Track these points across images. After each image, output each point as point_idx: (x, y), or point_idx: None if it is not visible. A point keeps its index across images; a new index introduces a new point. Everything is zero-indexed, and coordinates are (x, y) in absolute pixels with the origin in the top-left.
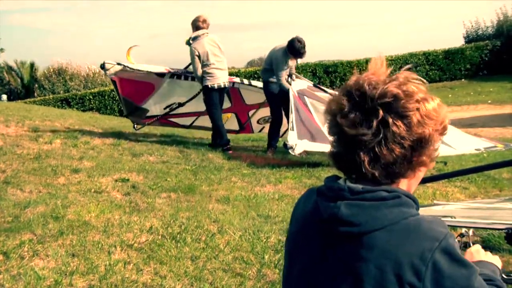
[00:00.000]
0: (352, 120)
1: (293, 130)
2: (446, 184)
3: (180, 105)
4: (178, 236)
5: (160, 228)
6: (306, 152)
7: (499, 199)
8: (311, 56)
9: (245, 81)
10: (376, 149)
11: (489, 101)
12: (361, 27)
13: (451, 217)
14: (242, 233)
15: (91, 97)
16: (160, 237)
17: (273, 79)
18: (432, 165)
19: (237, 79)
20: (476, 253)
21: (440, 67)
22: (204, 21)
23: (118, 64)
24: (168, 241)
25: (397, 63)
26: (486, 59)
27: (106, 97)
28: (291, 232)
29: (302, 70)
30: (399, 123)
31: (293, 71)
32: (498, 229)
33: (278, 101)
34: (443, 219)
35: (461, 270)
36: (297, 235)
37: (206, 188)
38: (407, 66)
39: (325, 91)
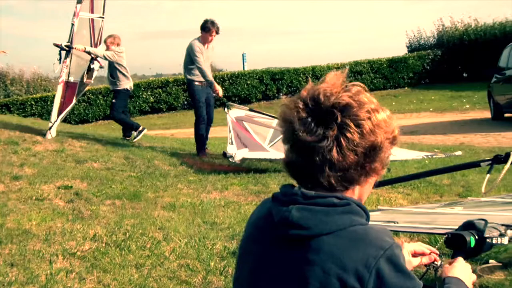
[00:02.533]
0: (307, 128)
1: (232, 144)
2: (389, 190)
3: None
4: (123, 243)
5: (104, 235)
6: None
7: (440, 204)
8: (259, 63)
9: None
10: (331, 156)
11: (431, 109)
12: (308, 35)
13: (394, 222)
14: (187, 240)
15: (33, 102)
16: (104, 245)
17: (195, 77)
18: (383, 172)
19: None
20: (453, 268)
21: (384, 75)
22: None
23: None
24: (112, 249)
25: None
26: (428, 68)
27: (48, 103)
28: (243, 238)
29: (249, 77)
30: (353, 130)
31: (211, 60)
32: (439, 234)
33: (202, 99)
34: (387, 224)
35: (406, 282)
36: (248, 240)
37: (151, 195)
38: (345, 69)
39: (263, 114)
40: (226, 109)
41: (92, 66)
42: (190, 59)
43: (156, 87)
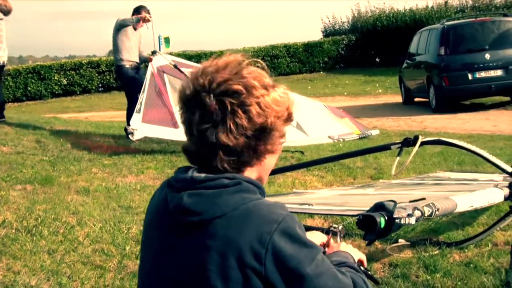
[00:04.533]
0: (198, 113)
1: (139, 112)
2: (304, 173)
3: None
4: (34, 229)
5: (14, 221)
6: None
7: (353, 186)
8: (174, 46)
9: None
10: (221, 140)
11: (345, 93)
12: (226, 18)
13: (309, 204)
14: (102, 224)
15: None
16: (14, 231)
17: (124, 62)
18: (279, 151)
19: None
20: (336, 247)
21: (300, 59)
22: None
23: None
24: (23, 235)
25: (259, 54)
26: (343, 52)
27: None
28: (145, 224)
29: None
30: (241, 114)
31: (141, 44)
32: (351, 215)
33: (133, 84)
34: (301, 206)
35: (303, 251)
36: (150, 227)
37: (64, 179)
38: (256, 60)
39: (188, 66)
40: (152, 54)
41: None
42: (116, 41)
43: (69, 69)
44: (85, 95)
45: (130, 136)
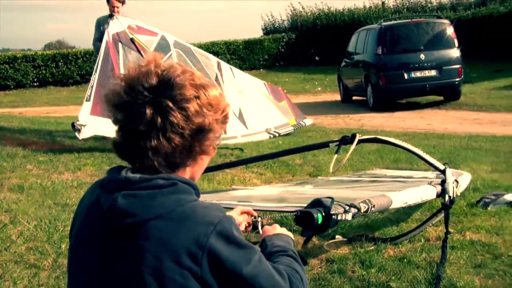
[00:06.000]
0: (131, 112)
1: (88, 100)
2: (244, 170)
3: None
4: None
5: None
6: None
7: (292, 183)
8: None
9: None
10: (155, 139)
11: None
12: (167, 14)
13: (248, 201)
14: (37, 222)
15: None
16: None
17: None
18: (214, 152)
19: None
20: (272, 229)
21: (240, 56)
22: None
23: None
24: None
25: None
26: (283, 50)
27: None
28: (76, 226)
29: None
30: (177, 113)
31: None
32: (289, 212)
33: None
34: (240, 203)
35: (239, 252)
36: (82, 229)
37: None
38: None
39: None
40: (109, 18)
41: None
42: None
43: (3, 63)
44: (19, 89)
45: (76, 133)
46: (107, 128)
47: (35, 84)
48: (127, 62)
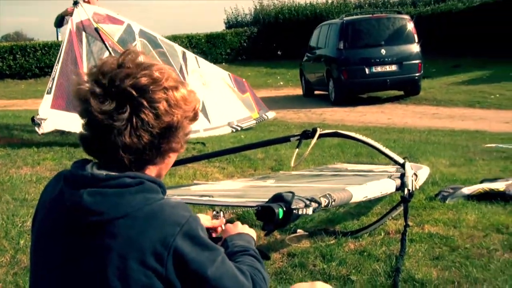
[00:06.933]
0: (103, 108)
1: (49, 93)
2: (206, 165)
3: None
4: None
5: None
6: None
7: (254, 178)
8: None
9: None
10: (126, 136)
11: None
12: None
13: (209, 196)
14: None
15: None
16: None
17: None
18: (183, 149)
19: None
20: (234, 227)
21: (202, 50)
22: None
23: None
24: None
25: None
26: (245, 44)
27: None
28: (38, 220)
29: None
30: (147, 111)
31: None
32: (250, 207)
33: None
34: (201, 198)
35: (204, 253)
36: (44, 223)
37: None
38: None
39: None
40: (73, 5)
41: None
42: None
43: None
44: None
45: (36, 128)
46: (69, 123)
47: None
48: (90, 53)
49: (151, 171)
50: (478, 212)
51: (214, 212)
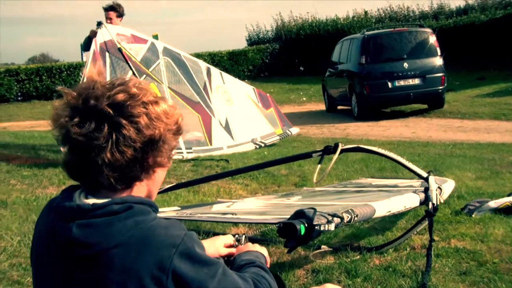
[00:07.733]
0: (82, 129)
1: None
2: (229, 182)
3: None
4: None
5: None
6: None
7: (277, 194)
8: None
9: None
10: (109, 154)
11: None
12: (152, 26)
13: (233, 214)
14: (21, 238)
15: None
16: None
17: None
18: (169, 164)
19: None
20: (244, 247)
21: (225, 68)
22: None
23: None
24: None
25: None
26: (267, 61)
27: None
28: (36, 251)
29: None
30: (128, 127)
31: None
32: (272, 223)
33: None
34: (225, 216)
35: (204, 270)
36: (42, 255)
37: None
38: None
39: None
40: (97, 27)
41: None
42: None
43: None
44: (3, 104)
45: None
46: None
47: (19, 98)
48: (114, 73)
49: (139, 189)
50: (506, 225)
51: (237, 236)
